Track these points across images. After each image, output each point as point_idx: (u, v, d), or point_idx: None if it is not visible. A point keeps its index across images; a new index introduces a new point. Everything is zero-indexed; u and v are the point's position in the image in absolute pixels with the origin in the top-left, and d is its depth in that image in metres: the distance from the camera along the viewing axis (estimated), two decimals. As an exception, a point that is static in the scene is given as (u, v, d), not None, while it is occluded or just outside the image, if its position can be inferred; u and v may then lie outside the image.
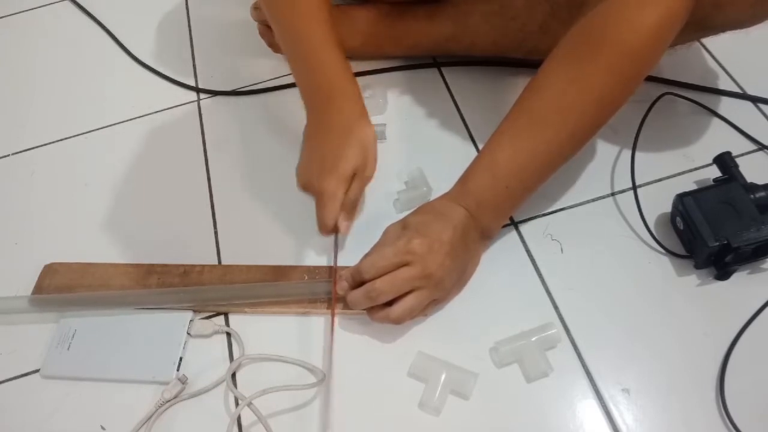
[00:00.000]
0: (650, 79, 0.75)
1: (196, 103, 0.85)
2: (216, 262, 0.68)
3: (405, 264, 0.56)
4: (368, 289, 0.57)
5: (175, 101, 0.85)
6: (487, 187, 0.60)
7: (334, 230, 0.63)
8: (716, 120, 0.73)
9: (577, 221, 0.67)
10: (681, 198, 0.62)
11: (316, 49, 0.63)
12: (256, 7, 0.81)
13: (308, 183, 0.64)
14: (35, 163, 0.81)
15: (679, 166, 0.70)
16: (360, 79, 0.74)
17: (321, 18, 0.62)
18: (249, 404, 0.56)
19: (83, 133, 0.84)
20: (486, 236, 0.64)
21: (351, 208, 0.64)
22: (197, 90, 0.86)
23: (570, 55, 0.57)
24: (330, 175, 0.61)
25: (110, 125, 0.84)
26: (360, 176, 0.63)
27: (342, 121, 0.63)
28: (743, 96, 0.75)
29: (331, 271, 0.64)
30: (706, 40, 0.80)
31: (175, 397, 0.59)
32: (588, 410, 0.56)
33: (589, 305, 0.61)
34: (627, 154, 0.70)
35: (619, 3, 0.54)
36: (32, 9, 1.02)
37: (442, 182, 0.63)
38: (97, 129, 0.84)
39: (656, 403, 0.55)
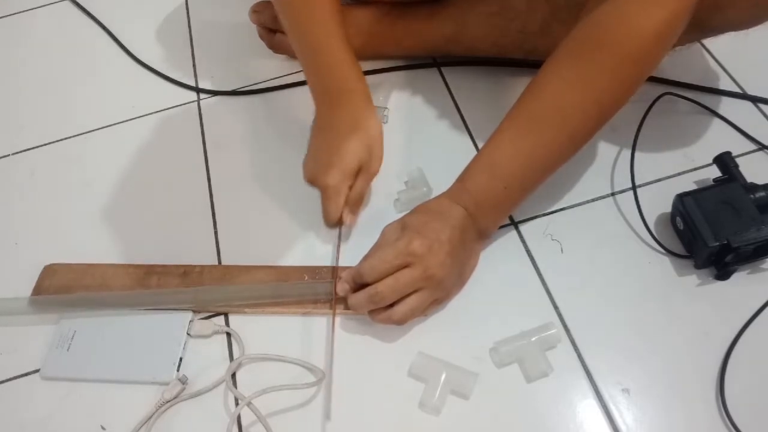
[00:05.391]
0: (650, 79, 0.75)
1: (196, 103, 0.85)
2: (216, 262, 0.68)
3: (406, 265, 0.56)
4: (371, 294, 0.57)
5: (175, 101, 0.85)
6: (485, 187, 0.60)
7: (339, 223, 0.65)
8: (716, 120, 0.73)
9: (577, 221, 0.67)
10: (681, 198, 0.62)
11: (325, 46, 0.64)
12: (255, 11, 0.81)
13: (314, 177, 0.66)
14: (35, 163, 0.81)
15: (679, 166, 0.70)
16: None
17: (331, 16, 0.63)
18: (249, 404, 0.56)
19: (83, 133, 0.84)
20: (484, 236, 0.64)
21: (356, 202, 0.66)
22: (197, 90, 0.86)
23: (571, 56, 0.57)
24: (335, 169, 0.63)
25: (110, 125, 0.84)
26: (365, 171, 0.65)
27: (349, 117, 0.65)
28: (743, 96, 0.75)
29: (332, 272, 0.65)
30: (706, 40, 0.80)
31: (175, 398, 0.59)
32: (588, 410, 0.56)
33: (589, 305, 0.61)
34: (627, 153, 0.70)
35: (621, 4, 0.54)
36: (32, 9, 1.02)
37: (442, 182, 0.63)
38: (97, 129, 0.84)
39: (656, 403, 0.55)
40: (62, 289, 0.67)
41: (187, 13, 0.97)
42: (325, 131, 0.67)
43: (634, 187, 0.67)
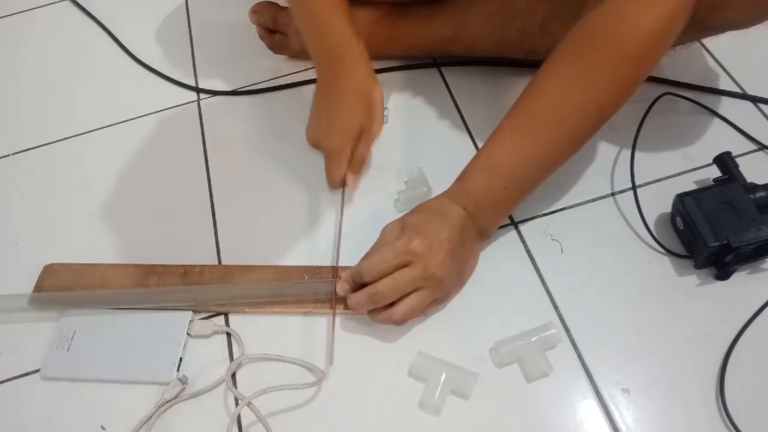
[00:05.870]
0: (650, 79, 0.75)
1: (196, 103, 0.85)
2: (216, 262, 0.68)
3: (405, 265, 0.56)
4: (371, 293, 0.57)
5: (175, 101, 0.85)
6: (485, 186, 0.60)
7: (342, 184, 0.67)
8: (716, 120, 0.73)
9: (577, 221, 0.67)
10: (681, 198, 0.62)
11: (326, 12, 0.65)
12: (255, 11, 0.81)
13: (317, 140, 0.68)
14: (35, 163, 0.81)
15: (679, 166, 0.70)
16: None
17: None
18: (249, 404, 0.56)
19: (83, 133, 0.84)
20: (484, 236, 0.63)
21: (358, 164, 0.68)
22: (197, 90, 0.86)
23: (570, 55, 0.57)
24: (337, 132, 0.65)
25: (110, 125, 0.84)
26: (367, 133, 0.67)
27: (349, 80, 0.66)
28: (743, 96, 0.75)
29: (332, 271, 0.65)
30: (706, 40, 0.80)
31: (175, 398, 0.59)
32: (588, 410, 0.56)
33: (589, 305, 0.61)
34: (627, 153, 0.70)
35: (620, 4, 0.54)
36: (32, 9, 1.02)
37: (442, 182, 0.63)
38: (97, 129, 0.84)
39: (656, 403, 0.55)
40: (62, 289, 0.67)
41: (187, 13, 0.97)
42: (326, 95, 0.68)
43: (634, 187, 0.66)
